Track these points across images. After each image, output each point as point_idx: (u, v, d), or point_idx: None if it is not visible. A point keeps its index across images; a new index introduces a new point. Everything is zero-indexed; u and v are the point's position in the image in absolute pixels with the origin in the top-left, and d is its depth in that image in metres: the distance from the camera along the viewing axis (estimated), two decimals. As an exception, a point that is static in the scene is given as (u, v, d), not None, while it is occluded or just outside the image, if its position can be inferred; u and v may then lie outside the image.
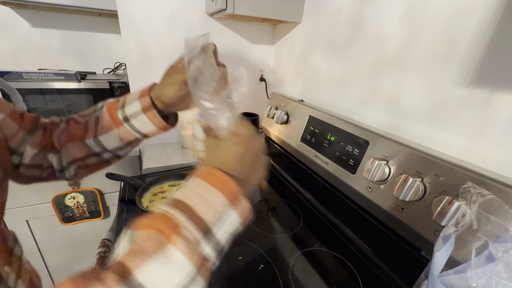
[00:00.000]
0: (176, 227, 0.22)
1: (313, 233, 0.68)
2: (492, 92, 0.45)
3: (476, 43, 0.46)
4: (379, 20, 0.66)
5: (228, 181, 0.26)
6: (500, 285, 0.28)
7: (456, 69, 0.50)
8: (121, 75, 1.32)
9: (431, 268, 0.35)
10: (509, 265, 0.29)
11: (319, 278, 0.55)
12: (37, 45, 1.32)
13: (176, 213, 0.23)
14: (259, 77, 1.23)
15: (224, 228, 0.25)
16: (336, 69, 0.82)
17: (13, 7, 1.21)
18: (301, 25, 0.98)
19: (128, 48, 0.96)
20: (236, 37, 1.11)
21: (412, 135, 0.60)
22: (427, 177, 0.47)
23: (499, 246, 0.30)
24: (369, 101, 0.71)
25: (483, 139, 0.47)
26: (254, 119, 1.13)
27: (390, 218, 0.53)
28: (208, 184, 0.26)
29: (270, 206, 0.79)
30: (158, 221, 0.23)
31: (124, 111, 0.43)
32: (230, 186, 0.26)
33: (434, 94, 0.55)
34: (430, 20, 0.54)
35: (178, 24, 0.99)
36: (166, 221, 0.22)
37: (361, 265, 0.59)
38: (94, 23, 1.37)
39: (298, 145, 0.84)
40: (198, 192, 0.25)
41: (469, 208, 0.36)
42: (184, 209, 0.23)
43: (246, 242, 0.63)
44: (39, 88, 1.04)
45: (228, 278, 0.53)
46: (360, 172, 0.60)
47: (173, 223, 0.22)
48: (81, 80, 1.10)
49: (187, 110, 0.47)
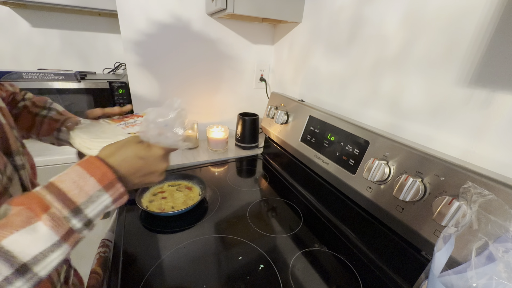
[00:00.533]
0: (45, 205, 0.29)
1: (313, 233, 0.68)
2: (492, 92, 0.45)
3: (476, 43, 0.46)
4: (379, 20, 0.66)
5: (104, 170, 0.33)
6: (500, 285, 0.28)
7: (456, 69, 0.50)
8: (121, 75, 1.32)
9: (431, 268, 0.35)
10: (509, 265, 0.29)
11: (319, 278, 0.55)
12: (37, 45, 1.32)
13: (47, 194, 0.30)
14: (259, 77, 1.23)
15: (93, 206, 0.32)
16: (336, 69, 0.82)
17: (13, 7, 1.21)
18: (301, 25, 0.98)
19: (128, 48, 0.96)
20: (236, 37, 1.11)
21: (412, 135, 0.60)
22: (427, 177, 0.47)
23: (499, 246, 0.30)
24: (369, 101, 0.71)
25: (483, 139, 0.47)
26: (254, 119, 1.13)
27: (390, 218, 0.53)
28: (85, 171, 0.32)
29: (270, 206, 0.79)
30: (29, 199, 0.29)
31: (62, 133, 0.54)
32: (106, 174, 0.33)
33: (434, 94, 0.55)
34: (430, 20, 0.54)
35: (178, 24, 0.99)
36: (37, 201, 0.29)
37: (361, 265, 0.59)
38: (94, 23, 1.37)
39: (298, 145, 0.84)
40: (73, 177, 0.31)
41: (469, 208, 0.36)
42: (56, 192, 0.30)
43: (246, 242, 0.63)
44: (39, 88, 1.04)
45: (228, 278, 0.53)
46: (360, 172, 0.60)
47: (43, 202, 0.29)
48: (81, 80, 1.10)
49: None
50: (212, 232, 0.66)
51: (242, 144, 1.17)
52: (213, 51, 1.09)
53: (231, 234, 0.65)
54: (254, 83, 1.24)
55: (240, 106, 1.27)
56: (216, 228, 0.67)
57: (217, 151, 1.12)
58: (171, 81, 1.07)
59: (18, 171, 0.36)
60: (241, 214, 0.73)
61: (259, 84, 1.25)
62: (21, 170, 0.37)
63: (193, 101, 1.15)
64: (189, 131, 1.11)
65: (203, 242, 0.62)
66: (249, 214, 0.73)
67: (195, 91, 1.14)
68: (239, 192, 0.85)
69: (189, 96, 1.13)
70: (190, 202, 0.74)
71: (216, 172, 0.98)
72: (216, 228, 0.67)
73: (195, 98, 1.15)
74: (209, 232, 0.66)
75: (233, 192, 0.85)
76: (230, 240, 0.64)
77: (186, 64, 1.07)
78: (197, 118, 1.18)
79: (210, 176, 0.94)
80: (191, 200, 0.76)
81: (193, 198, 0.77)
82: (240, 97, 1.25)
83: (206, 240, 0.63)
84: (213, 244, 0.62)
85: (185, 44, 1.03)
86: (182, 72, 1.07)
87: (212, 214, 0.73)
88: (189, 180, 0.85)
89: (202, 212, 0.73)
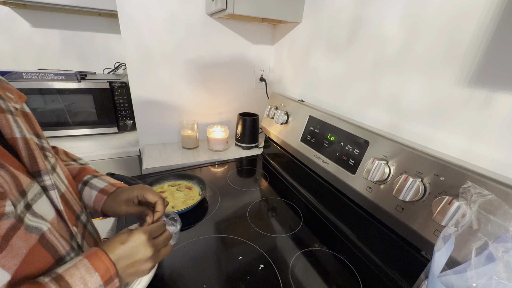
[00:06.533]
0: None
1: (313, 233, 0.68)
2: (492, 92, 0.45)
3: (476, 43, 0.46)
4: (379, 20, 0.66)
5: (108, 264, 0.35)
6: (500, 285, 0.28)
7: (456, 69, 0.50)
8: (121, 75, 1.32)
9: (431, 268, 0.35)
10: (509, 265, 0.29)
11: (319, 278, 0.55)
12: (37, 45, 1.32)
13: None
14: (259, 77, 1.23)
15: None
16: (336, 69, 0.82)
17: (13, 7, 1.21)
18: (301, 25, 0.98)
19: (128, 48, 0.96)
20: (236, 37, 1.11)
21: (412, 135, 0.60)
22: (427, 177, 0.47)
23: (499, 246, 0.30)
24: (369, 101, 0.71)
25: (483, 139, 0.47)
26: (254, 119, 1.13)
27: (390, 218, 0.53)
28: (92, 266, 0.33)
29: (270, 206, 0.79)
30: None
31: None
32: (108, 269, 0.35)
33: (434, 94, 0.55)
34: (430, 20, 0.54)
35: (178, 24, 0.99)
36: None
37: (361, 265, 0.59)
38: (94, 23, 1.37)
39: (298, 145, 0.84)
40: (81, 272, 0.32)
41: (469, 208, 0.36)
42: (64, 286, 0.31)
43: (246, 242, 0.63)
44: (39, 88, 1.04)
45: (228, 278, 0.53)
46: (360, 172, 0.60)
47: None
48: (81, 80, 1.10)
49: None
50: (212, 232, 0.66)
51: (242, 144, 1.17)
52: (213, 51, 1.09)
53: (231, 234, 0.65)
54: (254, 83, 1.24)
55: (240, 106, 1.27)
56: (216, 228, 0.67)
57: (217, 151, 1.12)
58: (171, 81, 1.07)
59: (47, 191, 0.35)
60: (241, 214, 0.73)
61: (259, 84, 1.25)
62: (51, 191, 0.35)
63: (193, 101, 1.15)
64: (189, 131, 1.11)
65: (203, 242, 0.62)
66: (249, 214, 0.73)
67: (195, 91, 1.14)
68: (239, 192, 0.85)
69: (189, 96, 1.13)
70: (190, 202, 0.74)
71: (216, 172, 0.98)
72: (216, 228, 0.67)
73: (195, 98, 1.15)
74: (209, 232, 0.66)
75: (233, 192, 0.85)
76: (230, 240, 0.64)
77: (186, 64, 1.07)
78: (197, 118, 1.18)
79: (210, 176, 0.94)
80: (191, 200, 0.76)
81: (193, 198, 0.77)
82: (240, 97, 1.25)
83: (206, 240, 0.63)
84: (213, 244, 0.62)
85: (185, 44, 1.03)
86: (182, 72, 1.07)
87: (212, 214, 0.73)
88: (189, 180, 0.85)
89: (202, 212, 0.73)
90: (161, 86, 1.07)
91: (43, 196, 0.34)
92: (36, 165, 0.34)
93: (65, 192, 0.40)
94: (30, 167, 0.34)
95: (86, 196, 0.50)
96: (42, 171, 0.35)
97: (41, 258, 0.32)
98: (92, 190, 0.51)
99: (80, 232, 0.42)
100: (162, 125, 1.14)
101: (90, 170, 0.55)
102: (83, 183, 0.52)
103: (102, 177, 0.54)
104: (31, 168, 0.34)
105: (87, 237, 0.44)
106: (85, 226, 0.44)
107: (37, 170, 0.34)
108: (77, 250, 0.39)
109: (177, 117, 1.15)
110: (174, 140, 1.20)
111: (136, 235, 0.39)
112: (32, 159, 0.34)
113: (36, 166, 0.34)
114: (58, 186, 0.38)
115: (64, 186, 0.41)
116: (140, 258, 0.38)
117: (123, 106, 1.20)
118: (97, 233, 0.50)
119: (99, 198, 0.50)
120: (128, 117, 1.23)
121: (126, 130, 1.26)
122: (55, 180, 0.38)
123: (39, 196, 0.34)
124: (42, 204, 0.34)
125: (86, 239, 0.43)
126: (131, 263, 0.37)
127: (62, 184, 0.40)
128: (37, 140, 0.38)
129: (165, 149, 1.11)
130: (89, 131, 1.20)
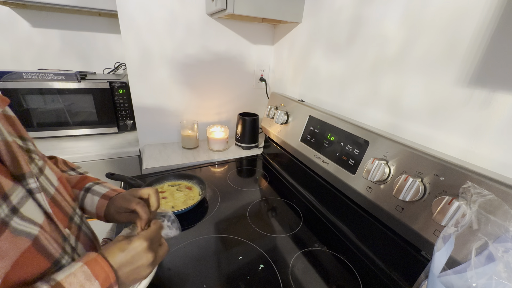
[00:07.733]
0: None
1: (313, 233, 0.68)
2: (492, 92, 0.45)
3: (476, 43, 0.46)
4: (379, 20, 0.66)
5: (108, 272, 0.35)
6: (500, 285, 0.28)
7: (456, 69, 0.50)
8: (121, 75, 1.32)
9: (431, 268, 0.35)
10: (509, 265, 0.29)
11: (319, 278, 0.55)
12: (37, 45, 1.32)
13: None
14: (259, 77, 1.23)
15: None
16: (336, 69, 0.82)
17: (13, 7, 1.21)
18: (301, 25, 0.98)
19: (128, 48, 0.96)
20: (236, 37, 1.11)
21: (412, 135, 0.60)
22: (427, 177, 0.47)
23: (499, 246, 0.30)
24: (369, 101, 0.71)
25: (483, 139, 0.47)
26: (254, 119, 1.14)
27: (390, 218, 0.53)
28: (91, 274, 0.34)
29: (270, 206, 0.79)
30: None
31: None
32: (108, 277, 0.34)
33: (434, 94, 0.55)
34: (430, 20, 0.54)
35: (178, 24, 0.99)
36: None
37: (361, 265, 0.59)
38: (94, 23, 1.37)
39: (298, 145, 0.84)
40: (80, 280, 0.33)
41: (469, 208, 0.36)
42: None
43: (246, 242, 0.63)
44: (39, 88, 1.04)
45: (228, 278, 0.53)
46: (360, 172, 0.60)
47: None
48: (81, 80, 1.10)
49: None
50: (212, 232, 0.66)
51: (242, 144, 1.17)
52: (213, 51, 1.09)
53: (231, 234, 0.65)
54: (254, 83, 1.24)
55: (240, 106, 1.27)
56: (216, 228, 0.67)
57: (217, 151, 1.12)
58: (171, 81, 1.07)
59: (33, 195, 0.34)
60: (241, 214, 0.74)
61: (259, 84, 1.25)
62: (37, 194, 0.35)
63: (193, 101, 1.15)
64: (189, 131, 1.11)
65: (203, 242, 0.62)
66: (249, 214, 0.73)
67: (196, 91, 1.14)
68: (239, 192, 0.85)
69: (190, 96, 1.13)
70: (190, 202, 0.74)
71: (216, 172, 0.98)
72: (216, 228, 0.67)
73: (195, 98, 1.15)
74: (209, 232, 0.66)
75: (233, 192, 0.85)
76: (230, 240, 0.64)
77: (186, 64, 1.07)
78: (197, 118, 1.18)
79: (210, 176, 0.94)
80: (191, 200, 0.76)
81: (193, 198, 0.77)
82: (240, 97, 1.25)
83: (206, 240, 0.63)
84: (213, 244, 0.62)
85: (185, 44, 1.03)
86: (182, 72, 1.07)
87: (212, 214, 0.73)
88: (189, 180, 0.85)
89: (202, 212, 0.73)
90: (161, 86, 1.07)
91: (29, 199, 0.34)
92: (20, 168, 0.33)
93: (54, 194, 0.40)
94: (14, 170, 0.33)
95: (88, 202, 0.51)
96: (27, 174, 0.34)
97: (36, 262, 0.32)
98: (94, 196, 0.51)
99: (74, 234, 0.41)
100: (162, 125, 1.14)
101: (91, 178, 0.55)
102: (85, 190, 0.52)
103: (104, 184, 0.55)
104: (14, 171, 0.33)
105: (82, 238, 0.43)
106: (79, 227, 0.44)
107: (21, 173, 0.33)
108: (71, 252, 0.39)
109: (177, 117, 1.15)
110: (174, 140, 1.20)
111: (138, 242, 0.39)
112: (15, 162, 0.33)
113: (20, 169, 0.33)
114: (47, 189, 0.38)
115: (53, 189, 0.40)
116: (142, 264, 0.39)
117: (123, 106, 1.20)
118: (93, 234, 0.50)
119: (101, 203, 0.50)
120: (128, 117, 1.23)
121: (126, 130, 1.26)
122: (43, 183, 0.37)
123: (25, 200, 0.33)
124: (30, 207, 0.33)
125: (81, 240, 0.43)
126: (133, 269, 0.38)
127: (51, 186, 0.39)
128: (21, 143, 0.37)
129: (165, 149, 1.11)
130: (89, 131, 1.20)
